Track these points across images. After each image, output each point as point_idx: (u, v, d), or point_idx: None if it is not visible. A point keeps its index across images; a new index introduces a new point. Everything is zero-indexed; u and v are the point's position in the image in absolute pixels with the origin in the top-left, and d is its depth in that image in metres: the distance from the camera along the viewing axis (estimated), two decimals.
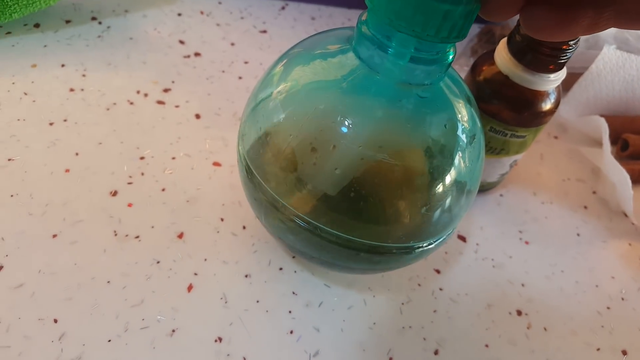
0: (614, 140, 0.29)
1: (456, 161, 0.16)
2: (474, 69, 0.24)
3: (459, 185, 0.16)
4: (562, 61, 0.21)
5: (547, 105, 0.22)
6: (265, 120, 0.17)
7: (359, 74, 0.15)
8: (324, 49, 0.16)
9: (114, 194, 0.22)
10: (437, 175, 0.16)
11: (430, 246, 0.18)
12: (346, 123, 0.15)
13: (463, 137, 0.16)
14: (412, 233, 0.17)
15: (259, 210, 0.18)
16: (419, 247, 0.17)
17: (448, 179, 0.16)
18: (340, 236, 0.16)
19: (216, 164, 0.24)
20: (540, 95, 0.22)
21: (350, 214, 0.16)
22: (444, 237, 0.18)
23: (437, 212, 0.16)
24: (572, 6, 0.11)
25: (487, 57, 0.23)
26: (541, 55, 0.21)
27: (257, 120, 0.17)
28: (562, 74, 0.22)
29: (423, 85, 0.15)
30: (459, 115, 0.16)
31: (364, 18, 0.15)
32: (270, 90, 0.17)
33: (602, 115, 0.29)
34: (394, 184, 0.16)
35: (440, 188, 0.16)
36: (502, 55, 0.22)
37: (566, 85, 0.29)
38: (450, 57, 0.15)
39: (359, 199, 0.15)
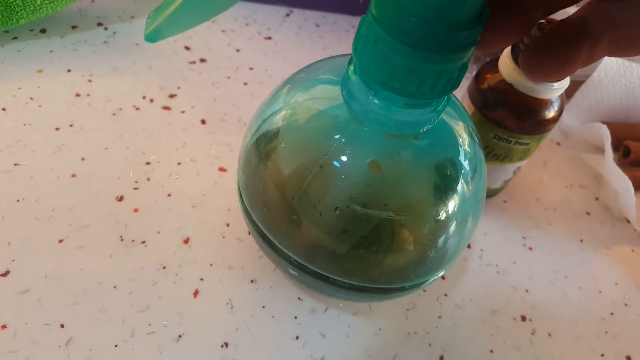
0: (616, 147, 0.29)
1: (461, 200, 0.16)
2: (478, 77, 0.24)
3: (464, 222, 0.16)
4: None
5: (550, 113, 0.23)
6: (263, 176, 0.16)
7: (353, 129, 0.14)
8: (319, 96, 0.16)
9: (120, 199, 0.22)
10: (443, 218, 0.15)
11: (436, 277, 0.18)
12: (348, 185, 0.15)
13: (467, 171, 0.16)
14: (420, 272, 0.17)
15: (260, 246, 0.18)
16: (425, 281, 0.17)
17: (454, 219, 0.16)
18: (348, 283, 0.16)
19: (222, 169, 0.25)
20: (544, 104, 0.22)
21: (359, 265, 0.16)
22: (450, 265, 0.18)
23: (444, 250, 0.16)
24: (569, 45, 0.11)
25: (491, 65, 0.24)
26: None
27: (254, 172, 0.17)
28: (565, 83, 0.22)
29: (420, 133, 0.14)
30: (461, 150, 0.16)
31: (352, 69, 0.14)
32: (265, 143, 0.16)
33: (604, 122, 0.29)
34: (402, 236, 0.16)
35: (447, 230, 0.16)
36: (506, 63, 0.22)
37: (568, 93, 0.29)
38: (445, 99, 0.14)
39: (368, 254, 0.15)
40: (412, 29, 0.11)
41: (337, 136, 0.15)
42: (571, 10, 0.27)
